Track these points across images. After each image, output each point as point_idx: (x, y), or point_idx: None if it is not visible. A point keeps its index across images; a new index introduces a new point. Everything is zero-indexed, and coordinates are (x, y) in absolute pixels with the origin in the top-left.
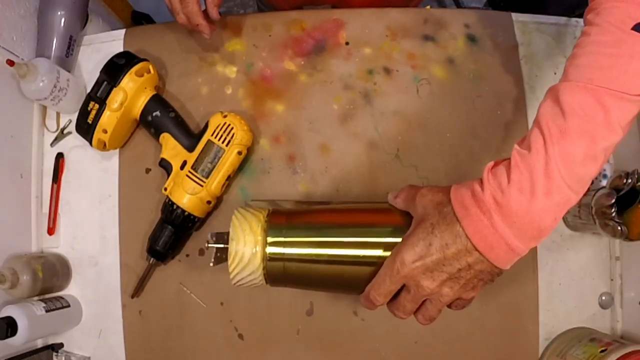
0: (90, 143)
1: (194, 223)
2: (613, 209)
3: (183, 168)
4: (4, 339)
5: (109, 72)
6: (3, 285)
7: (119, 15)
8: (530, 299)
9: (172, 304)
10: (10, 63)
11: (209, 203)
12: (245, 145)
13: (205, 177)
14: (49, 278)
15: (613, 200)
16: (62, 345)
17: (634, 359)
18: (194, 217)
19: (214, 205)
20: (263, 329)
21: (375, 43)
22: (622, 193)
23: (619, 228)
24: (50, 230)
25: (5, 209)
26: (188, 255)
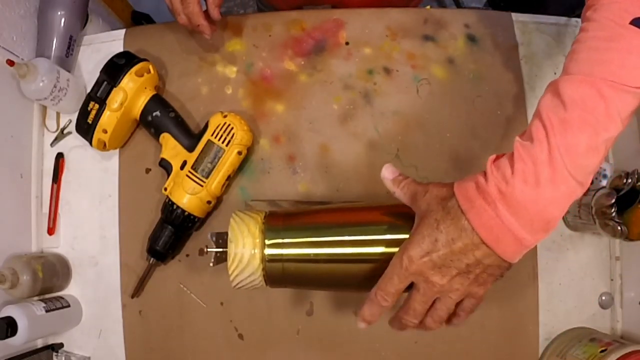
0: (90, 143)
1: (194, 223)
2: (613, 209)
3: (183, 168)
4: (4, 339)
5: (109, 72)
6: (3, 285)
7: (119, 15)
8: (530, 299)
9: (172, 304)
10: (10, 63)
11: (209, 203)
12: (245, 145)
13: (205, 177)
14: (49, 278)
15: (613, 200)
16: (62, 345)
17: (634, 359)
18: (194, 217)
19: (214, 205)
20: (263, 329)
21: (375, 43)
22: (622, 193)
23: (619, 228)
24: (50, 230)
25: (5, 209)
26: (188, 255)
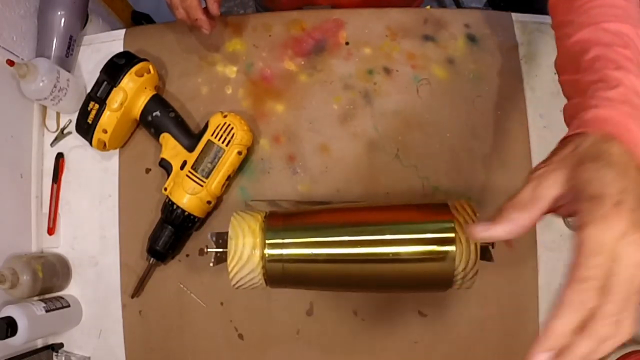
0: (90, 143)
1: (194, 223)
2: None
3: (183, 168)
4: (4, 339)
5: (109, 72)
6: (3, 285)
7: (119, 15)
8: (530, 299)
9: (172, 304)
10: (10, 63)
11: (209, 203)
12: (245, 145)
13: (205, 177)
14: (49, 278)
15: None
16: (62, 345)
17: (634, 359)
18: (194, 217)
19: (214, 205)
20: (263, 329)
21: (375, 43)
22: None
23: None
24: (50, 230)
25: (5, 209)
26: (188, 255)
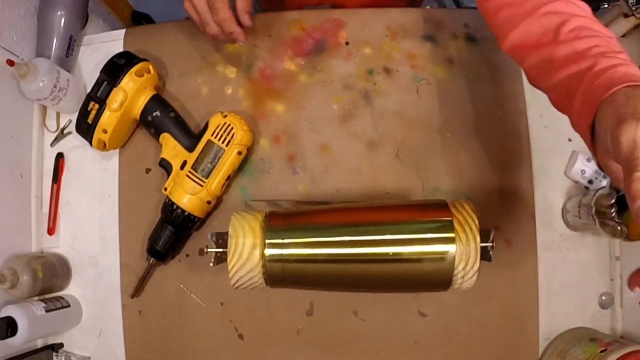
0: (90, 143)
1: (194, 223)
2: (613, 209)
3: (183, 168)
4: (4, 339)
5: (109, 72)
6: (3, 285)
7: (119, 15)
8: (530, 299)
9: (172, 304)
10: (10, 63)
11: (209, 203)
12: (245, 145)
13: (205, 177)
14: (49, 278)
15: (613, 200)
16: (62, 345)
17: (634, 359)
18: (194, 217)
19: (214, 205)
20: (263, 329)
21: (375, 43)
22: (622, 193)
23: (619, 228)
24: (50, 230)
25: (5, 209)
26: (188, 255)
